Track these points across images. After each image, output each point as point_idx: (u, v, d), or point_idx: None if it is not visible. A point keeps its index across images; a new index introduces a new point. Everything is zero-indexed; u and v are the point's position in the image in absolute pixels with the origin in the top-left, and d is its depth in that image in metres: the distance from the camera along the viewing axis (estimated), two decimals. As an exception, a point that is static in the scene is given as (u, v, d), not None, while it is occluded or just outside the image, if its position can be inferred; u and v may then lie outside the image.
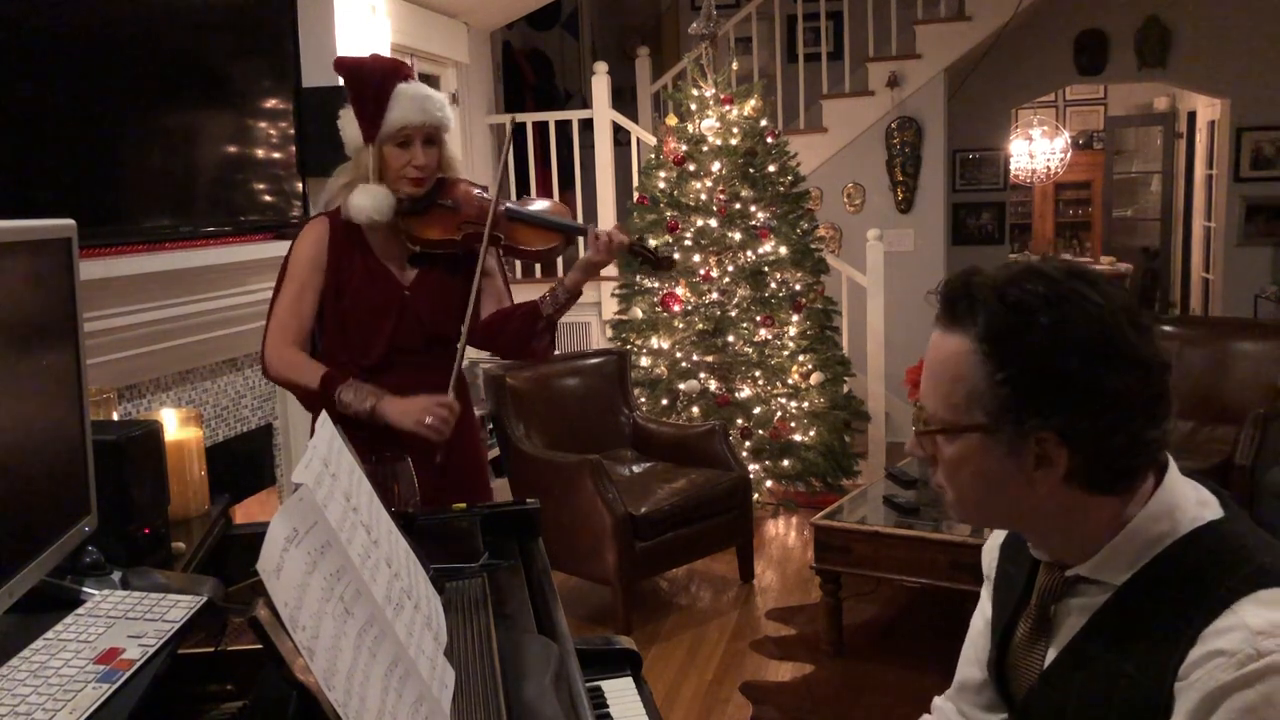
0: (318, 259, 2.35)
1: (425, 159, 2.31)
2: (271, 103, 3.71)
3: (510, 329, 2.40)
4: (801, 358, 5.25)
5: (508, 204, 2.41)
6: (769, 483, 5.25)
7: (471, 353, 2.56)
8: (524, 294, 2.52)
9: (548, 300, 2.39)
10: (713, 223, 5.20)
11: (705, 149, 5.21)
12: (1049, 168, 9.69)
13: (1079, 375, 1.01)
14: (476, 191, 2.41)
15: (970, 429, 1.07)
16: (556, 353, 5.50)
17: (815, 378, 5.22)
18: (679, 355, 5.26)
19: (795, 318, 5.25)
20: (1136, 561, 1.07)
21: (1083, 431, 1.02)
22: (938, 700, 1.40)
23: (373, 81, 2.30)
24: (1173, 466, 1.10)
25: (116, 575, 1.30)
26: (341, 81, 2.38)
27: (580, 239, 2.46)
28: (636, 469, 4.41)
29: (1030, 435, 1.04)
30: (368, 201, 2.28)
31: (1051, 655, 1.14)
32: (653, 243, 5.19)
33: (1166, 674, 0.99)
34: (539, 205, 2.47)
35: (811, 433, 5.20)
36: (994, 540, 1.33)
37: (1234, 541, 1.04)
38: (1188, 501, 1.08)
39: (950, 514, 1.21)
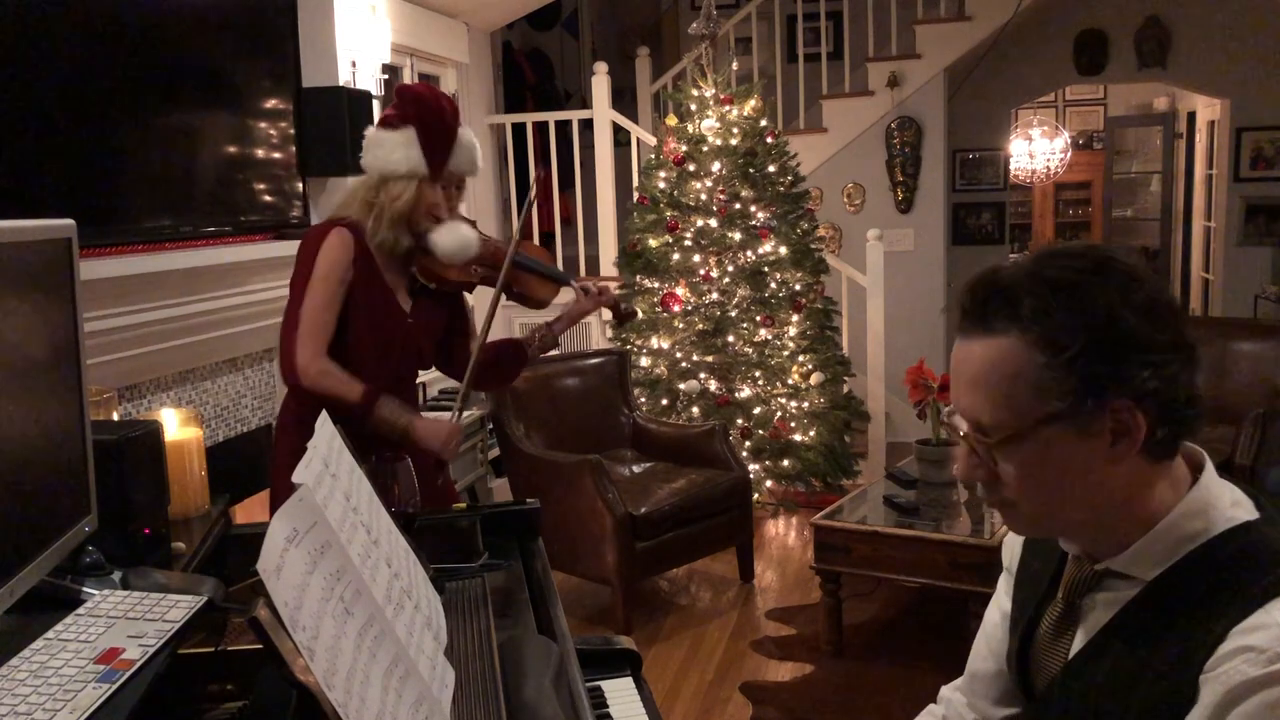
0: (346, 272, 2.27)
1: (455, 203, 2.36)
2: (272, 103, 3.72)
3: (497, 366, 2.51)
4: (801, 358, 5.24)
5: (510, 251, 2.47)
6: (769, 483, 5.25)
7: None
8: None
9: (535, 345, 2.52)
10: (713, 223, 5.19)
11: (705, 149, 5.21)
12: (1049, 168, 9.69)
13: (1140, 332, 1.01)
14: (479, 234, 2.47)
15: (1043, 422, 1.03)
16: (556, 353, 5.53)
17: (815, 378, 5.22)
18: (679, 355, 5.26)
19: (795, 318, 5.24)
20: (1169, 558, 1.06)
21: (1153, 390, 1.01)
22: (945, 691, 1.39)
23: (446, 121, 2.31)
24: (1209, 465, 1.10)
25: (116, 575, 1.30)
26: (397, 104, 2.33)
27: (563, 288, 2.58)
28: (636, 469, 4.41)
29: (1107, 408, 1.02)
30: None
31: (1076, 648, 1.13)
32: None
33: (1192, 668, 0.99)
34: (537, 256, 2.56)
35: (811, 433, 5.20)
36: None
37: (1268, 543, 1.04)
38: (1222, 501, 1.07)
39: (1015, 529, 1.17)
